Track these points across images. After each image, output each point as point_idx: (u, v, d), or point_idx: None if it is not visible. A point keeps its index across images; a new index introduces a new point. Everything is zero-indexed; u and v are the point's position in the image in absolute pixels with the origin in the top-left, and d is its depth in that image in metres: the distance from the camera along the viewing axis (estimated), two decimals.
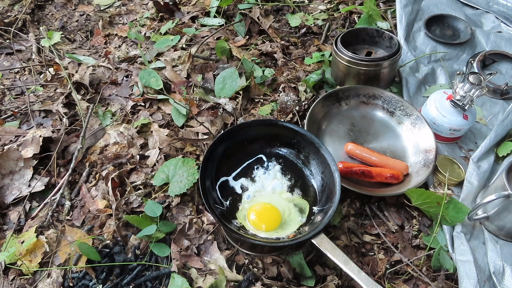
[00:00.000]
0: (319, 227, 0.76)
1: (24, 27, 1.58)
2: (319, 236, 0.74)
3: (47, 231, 0.93)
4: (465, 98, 1.01)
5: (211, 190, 0.87)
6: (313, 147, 0.90)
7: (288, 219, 0.85)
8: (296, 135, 0.92)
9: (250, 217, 0.85)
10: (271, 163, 0.95)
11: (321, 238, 0.73)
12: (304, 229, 0.82)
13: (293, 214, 0.86)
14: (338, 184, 0.82)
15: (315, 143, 0.89)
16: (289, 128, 0.92)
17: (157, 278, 0.86)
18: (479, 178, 1.00)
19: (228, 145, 0.92)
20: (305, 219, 0.85)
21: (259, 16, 1.47)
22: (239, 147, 0.94)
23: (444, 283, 0.85)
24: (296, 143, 0.94)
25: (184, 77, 1.28)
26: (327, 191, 0.86)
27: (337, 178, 0.83)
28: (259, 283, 0.84)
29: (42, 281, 0.86)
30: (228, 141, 0.92)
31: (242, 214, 0.86)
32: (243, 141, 0.94)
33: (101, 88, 1.29)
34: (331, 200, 0.82)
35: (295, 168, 0.95)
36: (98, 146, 1.12)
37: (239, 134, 0.93)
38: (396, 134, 1.10)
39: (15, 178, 1.04)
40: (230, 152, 0.93)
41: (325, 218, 0.78)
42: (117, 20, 1.63)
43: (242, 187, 0.91)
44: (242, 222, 0.85)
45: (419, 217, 0.96)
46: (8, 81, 1.36)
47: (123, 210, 0.96)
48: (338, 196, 0.80)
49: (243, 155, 0.95)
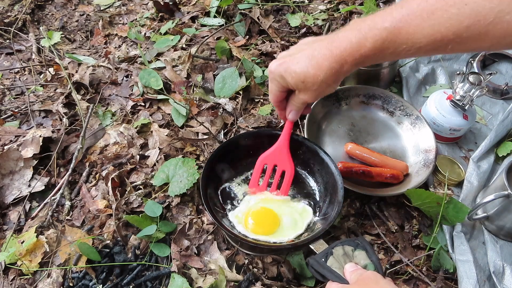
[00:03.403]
0: (318, 233, 0.76)
1: (24, 27, 1.58)
2: (318, 242, 0.74)
3: (47, 231, 0.93)
4: (465, 98, 1.01)
5: (212, 195, 0.87)
6: (318, 158, 0.90)
7: (288, 225, 0.84)
8: (302, 146, 0.92)
9: (247, 221, 0.84)
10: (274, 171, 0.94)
11: (320, 244, 0.74)
12: (304, 235, 0.82)
13: (294, 220, 0.85)
14: (341, 195, 0.81)
15: (320, 155, 0.89)
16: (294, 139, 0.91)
17: (157, 278, 0.86)
18: (479, 178, 1.00)
19: (231, 152, 0.91)
20: (305, 225, 0.85)
21: (259, 16, 1.47)
22: (243, 155, 0.94)
23: (444, 283, 0.85)
24: (301, 154, 0.93)
25: (184, 77, 1.28)
26: (329, 200, 0.86)
27: (340, 189, 0.82)
28: (259, 283, 0.84)
29: (42, 281, 0.86)
30: (232, 149, 0.91)
31: (240, 218, 0.86)
32: (247, 149, 0.94)
33: (101, 88, 1.29)
34: (332, 208, 0.81)
35: (299, 176, 0.94)
36: (98, 146, 1.12)
37: (242, 143, 0.93)
38: (396, 134, 1.10)
39: (15, 178, 1.04)
40: (233, 159, 0.93)
41: (325, 225, 0.78)
42: (117, 20, 1.63)
43: (244, 194, 0.90)
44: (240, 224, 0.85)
45: (419, 217, 0.96)
46: (8, 81, 1.36)
47: (123, 210, 0.96)
48: (339, 208, 0.79)
49: (247, 163, 0.94)
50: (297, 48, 0.69)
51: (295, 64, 0.65)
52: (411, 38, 0.55)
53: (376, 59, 0.62)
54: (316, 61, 0.63)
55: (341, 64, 0.62)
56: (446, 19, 0.51)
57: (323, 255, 0.67)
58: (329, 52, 0.62)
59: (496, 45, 0.53)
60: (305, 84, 0.66)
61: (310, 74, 0.64)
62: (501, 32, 0.49)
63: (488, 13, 0.48)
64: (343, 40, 0.61)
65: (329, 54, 0.62)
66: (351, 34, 0.60)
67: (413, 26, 0.54)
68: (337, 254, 0.66)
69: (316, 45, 0.65)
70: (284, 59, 0.68)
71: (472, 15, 0.49)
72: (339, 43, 0.61)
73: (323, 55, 0.62)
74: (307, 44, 0.68)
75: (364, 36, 0.59)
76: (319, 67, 0.63)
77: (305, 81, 0.65)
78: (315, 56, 0.63)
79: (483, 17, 0.48)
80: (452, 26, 0.51)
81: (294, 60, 0.66)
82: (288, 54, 0.69)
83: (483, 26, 0.49)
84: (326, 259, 0.66)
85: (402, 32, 0.55)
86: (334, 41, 0.62)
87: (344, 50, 0.61)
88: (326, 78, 0.64)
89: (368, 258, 0.65)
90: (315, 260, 0.66)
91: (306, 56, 0.64)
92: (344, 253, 0.66)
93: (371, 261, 0.64)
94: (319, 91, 0.68)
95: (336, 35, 0.63)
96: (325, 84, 0.65)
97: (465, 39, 0.52)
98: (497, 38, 0.50)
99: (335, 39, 0.62)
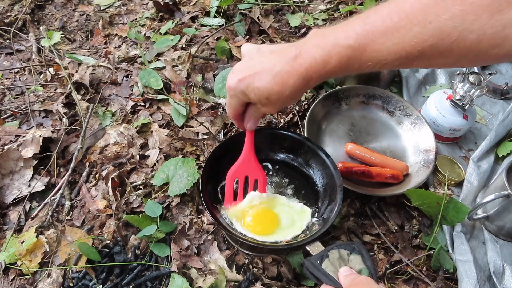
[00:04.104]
0: (315, 235, 0.76)
1: (24, 27, 1.58)
2: (314, 244, 0.74)
3: (47, 231, 0.93)
4: (465, 98, 1.01)
5: (212, 194, 0.87)
6: (319, 158, 0.90)
7: (287, 225, 0.84)
8: (303, 145, 0.92)
9: (246, 220, 0.84)
10: (274, 170, 0.95)
11: (316, 246, 0.74)
12: (300, 236, 0.81)
13: (292, 221, 0.85)
14: (339, 198, 0.81)
15: (321, 156, 0.89)
16: (295, 138, 0.91)
17: (157, 278, 0.86)
18: (479, 178, 1.00)
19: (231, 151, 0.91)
20: (305, 225, 0.84)
21: (259, 16, 1.47)
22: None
23: (444, 283, 0.86)
24: (303, 153, 0.93)
25: (184, 77, 1.28)
26: (328, 202, 0.86)
27: (340, 192, 0.82)
28: (259, 283, 0.84)
29: (42, 281, 0.86)
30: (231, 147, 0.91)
31: (238, 218, 0.85)
32: None
33: (101, 88, 1.29)
34: (331, 210, 0.81)
35: (299, 176, 0.94)
36: (98, 146, 1.12)
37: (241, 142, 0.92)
38: (396, 134, 1.11)
39: (15, 178, 1.04)
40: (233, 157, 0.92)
41: (322, 227, 0.78)
42: (117, 20, 1.63)
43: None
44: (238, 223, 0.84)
45: (419, 217, 0.96)
46: (8, 81, 1.36)
47: (123, 210, 0.96)
48: (338, 210, 0.79)
49: None
50: (254, 60, 0.66)
51: (257, 81, 0.63)
52: (376, 55, 0.54)
53: (342, 74, 0.60)
54: (281, 78, 0.61)
55: (307, 80, 0.61)
56: (411, 37, 0.50)
57: (319, 257, 0.67)
58: (293, 69, 0.60)
59: (460, 61, 0.53)
60: (269, 100, 0.65)
61: (275, 91, 0.63)
62: (465, 50, 0.49)
63: (452, 32, 0.48)
64: (306, 57, 0.59)
65: (294, 72, 0.60)
66: (314, 51, 0.59)
67: (378, 44, 0.53)
68: (332, 257, 0.66)
69: (275, 60, 0.63)
70: (243, 73, 0.66)
71: (435, 33, 0.49)
72: (302, 61, 0.60)
73: (287, 72, 0.61)
74: (264, 55, 0.66)
75: (328, 54, 0.57)
76: (284, 84, 0.62)
77: (269, 98, 0.64)
78: (279, 73, 0.61)
79: (446, 36, 0.48)
80: (417, 44, 0.50)
81: (255, 77, 0.64)
82: (247, 68, 0.66)
83: (447, 45, 0.49)
84: (321, 262, 0.66)
85: (367, 50, 0.54)
86: (297, 58, 0.60)
87: (309, 67, 0.59)
88: (292, 93, 0.63)
89: (363, 262, 0.65)
90: (310, 262, 0.66)
91: (268, 72, 0.62)
92: (340, 256, 0.66)
93: (366, 266, 0.64)
94: (283, 104, 0.67)
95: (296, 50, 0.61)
96: (290, 98, 0.64)
97: (430, 56, 0.52)
98: (461, 55, 0.50)
99: (298, 56, 0.60)
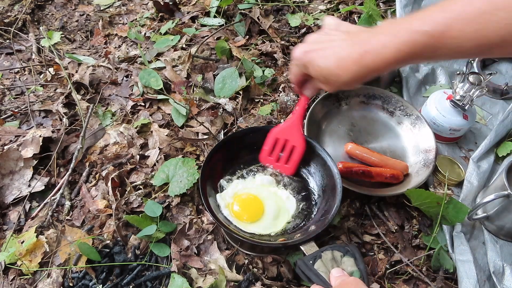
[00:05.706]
0: (310, 235, 0.76)
1: (24, 27, 1.58)
2: (308, 244, 0.74)
3: (47, 231, 0.93)
4: (465, 98, 1.01)
5: (212, 193, 0.87)
6: (319, 159, 0.90)
7: (273, 213, 0.85)
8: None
9: (233, 208, 0.85)
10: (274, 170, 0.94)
11: (311, 246, 0.74)
12: (297, 235, 0.81)
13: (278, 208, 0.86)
14: (338, 199, 0.81)
15: (322, 156, 0.89)
16: None
17: (157, 278, 0.86)
18: (479, 178, 1.00)
19: (230, 149, 0.92)
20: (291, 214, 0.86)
21: (259, 16, 1.47)
22: (242, 152, 0.94)
23: (444, 283, 0.86)
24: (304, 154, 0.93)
25: (184, 77, 1.28)
26: (326, 202, 0.86)
27: (339, 193, 0.82)
28: (259, 283, 0.84)
29: (42, 281, 0.86)
30: (231, 145, 0.91)
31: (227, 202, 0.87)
32: (248, 146, 0.93)
33: (101, 88, 1.29)
34: (330, 211, 0.81)
35: (299, 176, 0.94)
36: (98, 146, 1.12)
37: (243, 139, 0.93)
38: (396, 134, 1.11)
39: (15, 178, 1.04)
40: (232, 156, 0.93)
41: (318, 229, 0.78)
42: (117, 20, 1.63)
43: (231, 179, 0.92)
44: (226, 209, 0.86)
45: (419, 217, 0.96)
46: (8, 81, 1.36)
47: (123, 210, 0.96)
48: (334, 212, 0.79)
49: (246, 160, 0.94)
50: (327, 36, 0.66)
51: (321, 59, 0.63)
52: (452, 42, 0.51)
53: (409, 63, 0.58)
54: (345, 63, 0.61)
55: (371, 71, 0.60)
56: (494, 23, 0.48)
57: (312, 257, 0.67)
58: (360, 57, 0.59)
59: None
60: (327, 79, 0.64)
61: (334, 73, 0.62)
62: None
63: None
64: (376, 46, 0.58)
65: (359, 60, 0.59)
66: (387, 39, 0.56)
67: (456, 30, 0.50)
68: (325, 258, 0.66)
69: (346, 43, 0.62)
70: (310, 46, 0.66)
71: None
72: (370, 47, 0.58)
73: (353, 59, 0.60)
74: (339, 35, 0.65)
75: (401, 41, 0.55)
76: (346, 70, 0.61)
77: (327, 78, 0.64)
78: (344, 58, 0.61)
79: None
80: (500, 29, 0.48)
81: (321, 54, 0.63)
82: (317, 42, 0.66)
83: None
84: (314, 262, 0.66)
85: (445, 37, 0.51)
86: (366, 46, 0.59)
87: (376, 56, 0.58)
88: (349, 80, 0.62)
89: (355, 265, 0.65)
90: (303, 262, 0.66)
91: (334, 54, 0.62)
92: (333, 257, 0.66)
93: (358, 268, 0.64)
94: (339, 87, 0.67)
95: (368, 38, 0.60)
96: (346, 84, 0.64)
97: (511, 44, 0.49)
98: None
99: (367, 44, 0.59)
